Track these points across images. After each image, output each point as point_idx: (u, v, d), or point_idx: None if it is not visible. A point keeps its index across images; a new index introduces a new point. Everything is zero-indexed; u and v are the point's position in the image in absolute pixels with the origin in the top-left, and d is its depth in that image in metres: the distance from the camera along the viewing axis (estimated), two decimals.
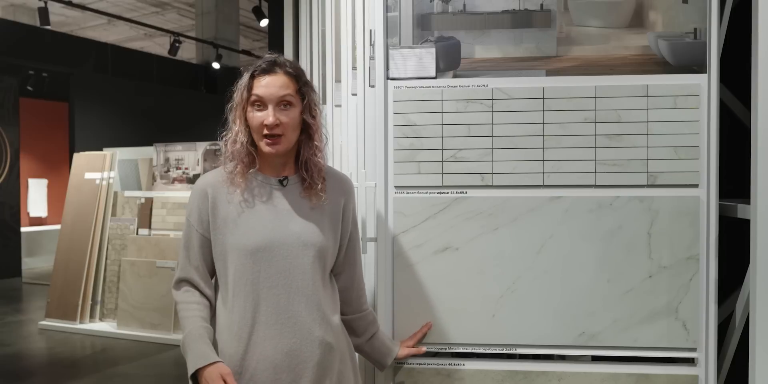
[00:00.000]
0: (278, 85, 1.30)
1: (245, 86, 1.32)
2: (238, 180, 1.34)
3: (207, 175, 1.41)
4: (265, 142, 1.31)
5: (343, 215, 1.42)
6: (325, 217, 1.38)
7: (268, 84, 1.30)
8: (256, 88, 1.31)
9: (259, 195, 1.35)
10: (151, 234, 4.57)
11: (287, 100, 1.31)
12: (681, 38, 1.67)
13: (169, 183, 4.65)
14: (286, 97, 1.30)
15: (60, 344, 4.25)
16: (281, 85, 1.30)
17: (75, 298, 4.60)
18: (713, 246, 1.65)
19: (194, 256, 1.37)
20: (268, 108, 1.29)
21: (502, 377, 1.71)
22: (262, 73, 1.32)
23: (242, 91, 1.32)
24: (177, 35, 8.83)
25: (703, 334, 1.65)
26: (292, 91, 1.32)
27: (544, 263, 1.69)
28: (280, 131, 1.30)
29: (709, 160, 1.65)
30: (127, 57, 8.71)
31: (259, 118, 1.30)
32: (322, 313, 1.34)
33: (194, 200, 1.38)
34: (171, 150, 4.67)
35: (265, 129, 1.29)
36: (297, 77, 1.34)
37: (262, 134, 1.31)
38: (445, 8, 1.74)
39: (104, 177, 4.80)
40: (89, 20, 10.24)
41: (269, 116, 1.29)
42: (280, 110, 1.30)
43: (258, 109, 1.31)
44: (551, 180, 1.69)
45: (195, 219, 1.37)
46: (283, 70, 1.32)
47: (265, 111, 1.30)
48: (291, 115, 1.31)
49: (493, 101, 1.71)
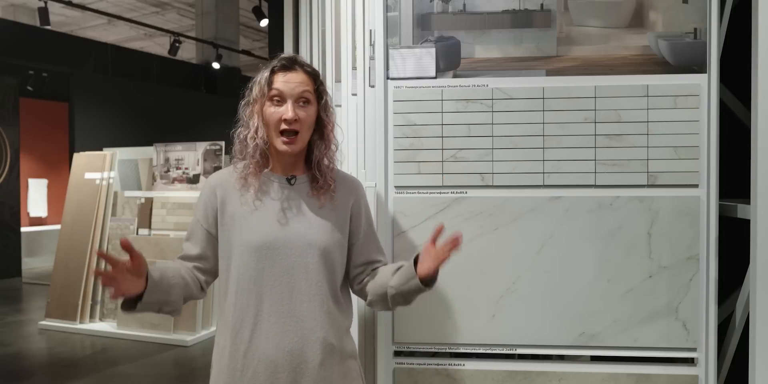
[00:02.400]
0: (298, 82, 1.32)
1: (266, 81, 1.33)
2: (251, 179, 1.35)
3: (218, 174, 1.43)
4: (281, 140, 1.32)
5: (353, 214, 1.42)
6: (333, 217, 1.38)
7: (288, 79, 1.32)
8: (277, 83, 1.32)
9: (266, 193, 1.36)
10: (151, 234, 4.57)
11: (306, 97, 1.32)
12: (681, 38, 1.67)
13: (169, 183, 4.65)
14: (304, 94, 1.32)
15: (60, 344, 4.25)
16: (301, 81, 1.32)
17: (75, 298, 4.60)
18: (713, 246, 1.65)
19: (196, 245, 1.39)
20: (287, 103, 1.31)
21: (502, 377, 1.71)
22: (283, 69, 1.33)
23: (262, 86, 1.33)
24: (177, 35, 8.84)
25: (703, 334, 1.66)
26: (310, 88, 1.33)
27: (544, 263, 1.69)
28: (297, 127, 1.31)
29: (709, 160, 1.65)
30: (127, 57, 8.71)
31: (277, 113, 1.31)
32: (326, 314, 1.34)
33: (203, 198, 1.40)
34: (171, 150, 4.67)
35: (284, 123, 1.30)
36: (315, 76, 1.36)
37: (278, 130, 1.32)
38: (445, 8, 1.74)
39: (104, 177, 4.80)
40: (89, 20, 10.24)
41: (288, 111, 1.30)
42: (298, 106, 1.32)
43: (276, 104, 1.32)
44: (551, 180, 1.69)
45: (201, 215, 1.39)
46: (302, 69, 1.34)
47: (283, 106, 1.31)
48: (309, 112, 1.33)
49: (493, 101, 1.71)
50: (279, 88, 1.31)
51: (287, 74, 1.32)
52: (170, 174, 4.65)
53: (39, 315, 5.03)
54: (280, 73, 1.33)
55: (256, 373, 1.29)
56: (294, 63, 1.34)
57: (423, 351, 1.78)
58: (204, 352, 4.02)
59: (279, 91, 1.31)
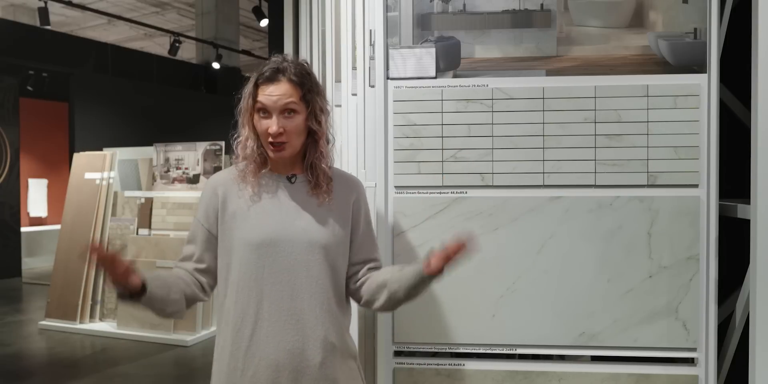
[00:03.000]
0: (280, 94, 1.30)
1: (250, 94, 1.34)
2: (250, 178, 1.36)
3: (219, 174, 1.45)
4: (269, 148, 1.33)
5: (353, 212, 1.42)
6: (334, 215, 1.38)
7: (271, 93, 1.30)
8: (260, 97, 1.32)
9: (267, 191, 1.37)
10: (151, 234, 4.57)
11: (290, 108, 1.31)
12: (681, 38, 1.67)
13: (169, 183, 4.65)
14: (289, 105, 1.31)
15: (60, 344, 4.25)
16: (284, 93, 1.30)
17: (75, 298, 4.60)
18: (713, 246, 1.65)
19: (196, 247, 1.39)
20: (273, 116, 1.30)
21: (502, 377, 1.71)
22: (266, 81, 1.32)
23: (247, 99, 1.34)
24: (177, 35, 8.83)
25: (703, 334, 1.65)
26: (296, 98, 1.31)
27: (544, 263, 1.69)
28: (284, 139, 1.31)
29: (709, 160, 1.65)
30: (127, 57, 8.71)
31: (264, 125, 1.32)
32: (327, 312, 1.34)
33: (204, 197, 1.41)
34: (171, 150, 4.67)
35: (270, 137, 1.31)
36: (301, 84, 1.33)
37: (267, 141, 1.33)
38: (445, 8, 1.74)
39: (104, 177, 4.80)
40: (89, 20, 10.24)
41: (273, 125, 1.30)
42: (284, 118, 1.31)
43: (263, 117, 1.32)
44: (551, 180, 1.69)
45: (202, 215, 1.40)
46: (286, 78, 1.32)
47: (269, 119, 1.31)
48: (295, 122, 1.32)
49: (493, 101, 1.71)
50: (263, 101, 1.31)
51: (270, 87, 1.31)
52: (170, 174, 4.65)
53: (39, 315, 5.02)
54: (263, 85, 1.32)
55: (257, 373, 1.29)
56: (277, 73, 1.32)
57: (423, 351, 1.78)
58: (204, 352, 4.02)
59: (263, 104, 1.31)
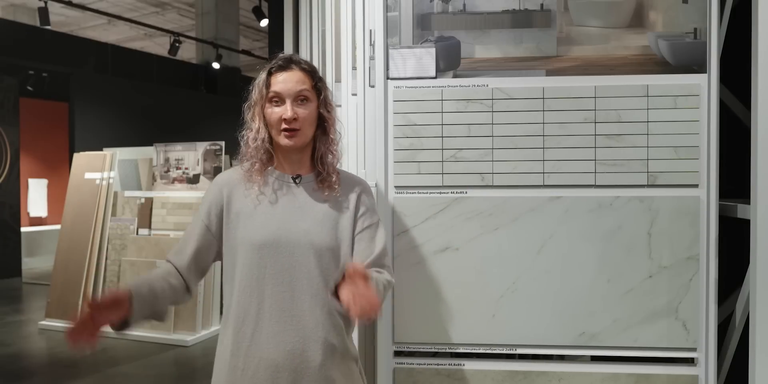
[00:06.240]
0: (295, 81, 1.33)
1: (263, 83, 1.35)
2: (256, 177, 1.37)
3: (225, 173, 1.45)
4: (283, 135, 1.34)
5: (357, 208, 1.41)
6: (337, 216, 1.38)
7: (285, 80, 1.33)
8: (274, 85, 1.34)
9: (272, 191, 1.37)
10: (151, 234, 4.57)
11: (304, 95, 1.34)
12: (681, 38, 1.67)
13: (169, 183, 4.65)
14: (303, 92, 1.33)
15: (60, 344, 4.24)
16: (298, 80, 1.34)
17: (75, 298, 4.60)
18: (713, 246, 1.65)
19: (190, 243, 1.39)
20: (286, 103, 1.33)
21: (502, 377, 1.71)
22: (279, 69, 1.35)
23: (260, 88, 1.36)
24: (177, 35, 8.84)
25: (703, 334, 1.66)
26: (308, 86, 1.35)
27: (544, 263, 1.69)
28: (297, 125, 1.33)
29: (709, 160, 1.65)
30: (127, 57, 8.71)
31: (277, 113, 1.33)
32: (328, 314, 1.33)
33: (208, 196, 1.41)
34: (171, 150, 4.67)
35: (284, 123, 1.32)
36: (312, 73, 1.37)
37: (279, 129, 1.33)
38: (445, 8, 1.74)
39: (104, 177, 4.80)
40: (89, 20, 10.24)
41: (287, 110, 1.32)
42: (297, 105, 1.33)
43: (276, 105, 1.34)
44: (551, 180, 1.69)
45: (204, 211, 1.40)
46: (299, 67, 1.36)
47: (282, 106, 1.33)
48: (308, 109, 1.34)
49: (493, 101, 1.71)
50: (276, 89, 1.33)
51: (283, 74, 1.34)
52: (170, 174, 4.65)
53: (39, 315, 5.02)
54: (277, 73, 1.34)
55: (257, 373, 1.29)
56: (290, 62, 1.36)
57: (423, 351, 1.78)
58: (204, 352, 4.02)
59: (276, 92, 1.33)
